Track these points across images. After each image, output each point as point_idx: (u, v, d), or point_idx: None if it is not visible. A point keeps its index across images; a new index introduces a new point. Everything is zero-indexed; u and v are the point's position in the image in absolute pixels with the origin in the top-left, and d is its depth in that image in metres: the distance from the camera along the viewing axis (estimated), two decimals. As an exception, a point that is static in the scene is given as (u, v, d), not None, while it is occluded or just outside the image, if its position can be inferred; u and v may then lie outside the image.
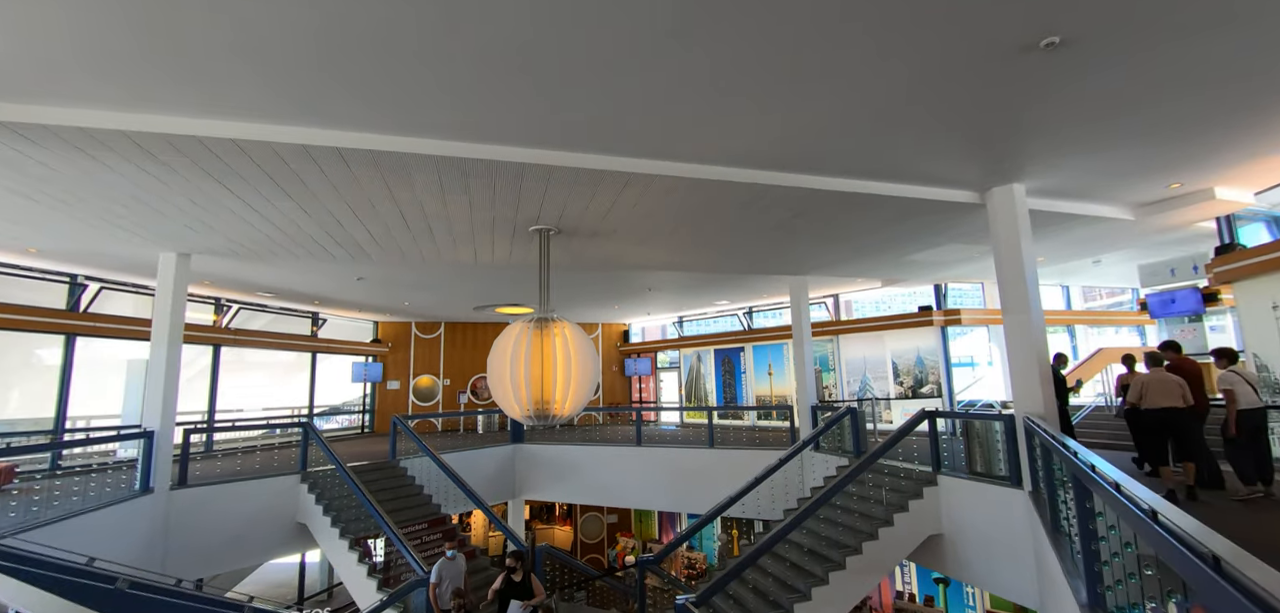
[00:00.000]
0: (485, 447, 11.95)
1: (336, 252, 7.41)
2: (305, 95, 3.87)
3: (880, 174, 5.69)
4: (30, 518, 5.89)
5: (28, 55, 3.40)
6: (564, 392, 6.53)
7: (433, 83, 3.75)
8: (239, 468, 8.99)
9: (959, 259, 9.22)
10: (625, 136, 4.66)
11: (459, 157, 4.70)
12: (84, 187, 5.09)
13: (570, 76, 3.72)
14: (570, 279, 10.81)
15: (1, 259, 8.23)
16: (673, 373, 16.71)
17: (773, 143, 4.85)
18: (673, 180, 5.37)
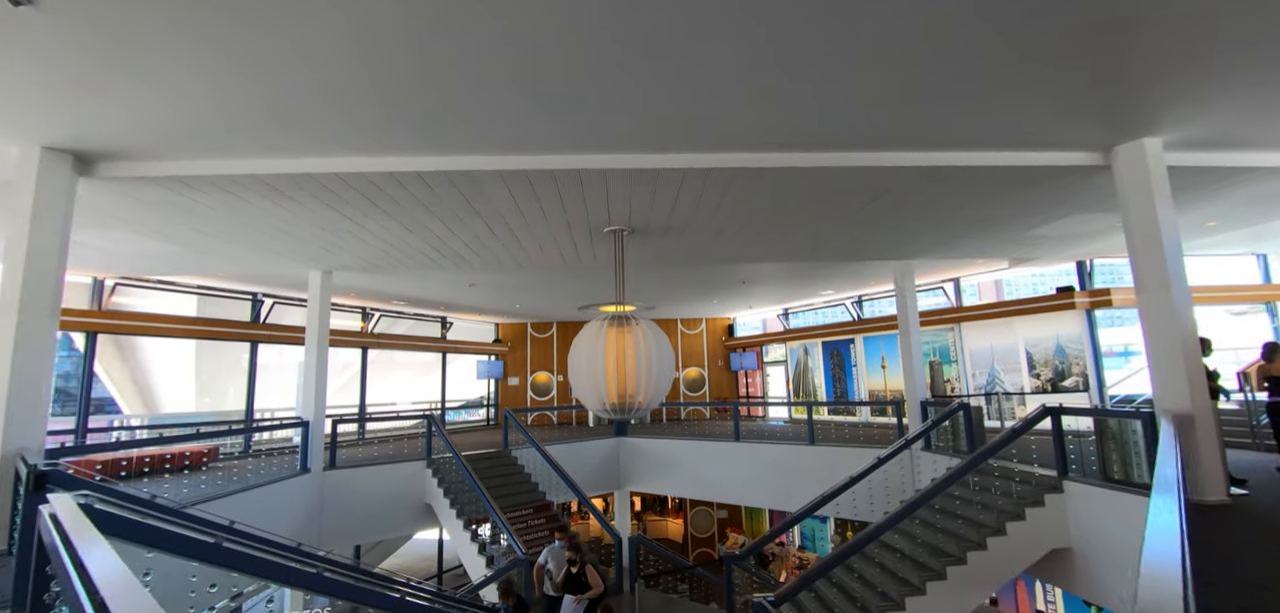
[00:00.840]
0: (591, 439, 12.55)
1: (443, 262, 8.27)
2: (381, 130, 4.44)
3: (969, 142, 5.13)
4: (222, 489, 7.35)
5: (183, 125, 4.29)
6: (638, 385, 6.75)
7: (493, 106, 4.11)
8: (376, 454, 10.35)
9: (1098, 231, 7.95)
10: (675, 132, 4.70)
11: (519, 169, 5.07)
12: (237, 222, 6.25)
13: (612, 84, 3.87)
14: (662, 277, 10.98)
15: (203, 283, 10.27)
16: (780, 367, 16.23)
17: (831, 120, 4.61)
18: (730, 172, 5.31)
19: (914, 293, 9.44)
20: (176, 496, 7.02)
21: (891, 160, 5.24)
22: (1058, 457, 6.14)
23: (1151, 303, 5.05)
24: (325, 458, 8.78)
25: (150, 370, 14.02)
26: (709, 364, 17.22)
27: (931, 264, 10.50)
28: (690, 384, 17.11)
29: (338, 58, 3.48)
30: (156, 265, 8.53)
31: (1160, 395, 4.94)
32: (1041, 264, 10.53)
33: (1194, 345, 4.88)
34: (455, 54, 3.48)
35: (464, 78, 3.74)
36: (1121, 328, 10.55)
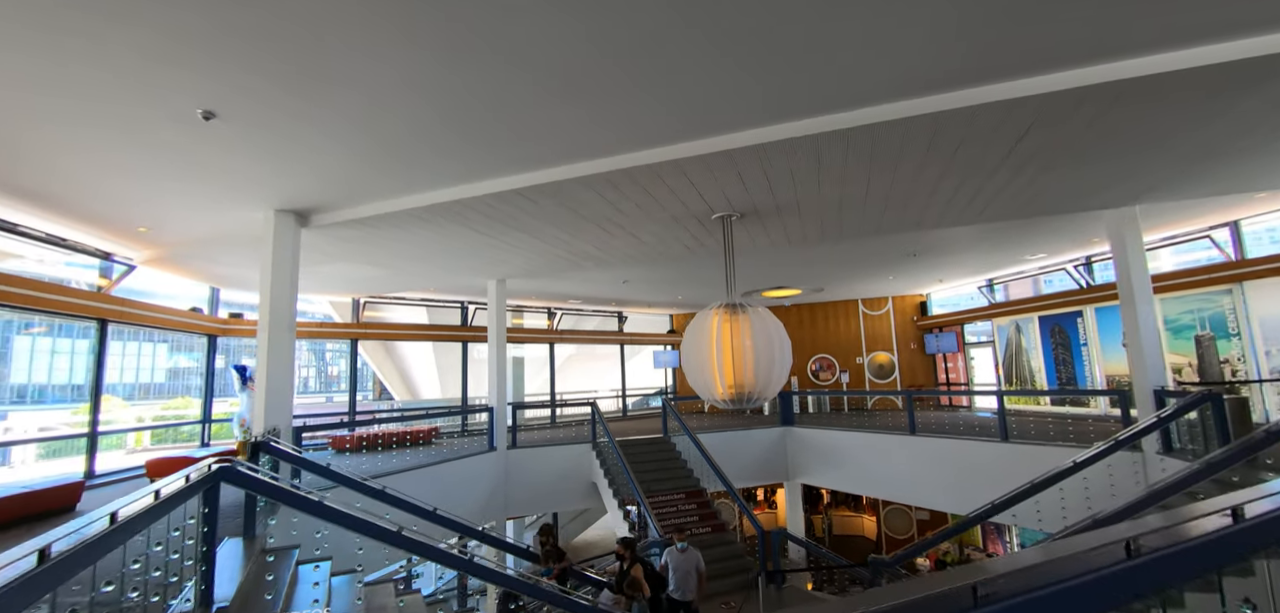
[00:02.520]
0: (758, 428, 12.33)
1: (583, 262, 9.01)
2: (463, 159, 5.14)
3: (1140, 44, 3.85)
4: (428, 460, 9.18)
5: (345, 183, 5.56)
6: (748, 374, 6.53)
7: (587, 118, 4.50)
8: (548, 437, 11.64)
9: None
10: (752, 105, 4.47)
11: (615, 169, 5.30)
12: (407, 246, 7.71)
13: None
14: (823, 255, 10.23)
15: (426, 296, 12.76)
16: (987, 349, 13.70)
17: (953, 50, 3.92)
18: (820, 137, 4.83)
19: (1141, 249, 7.23)
20: (398, 464, 8.98)
21: (1021, 89, 4.20)
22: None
23: None
24: (508, 438, 10.25)
25: (409, 365, 17.93)
26: (899, 347, 15.40)
27: (1176, 207, 7.94)
28: (878, 371, 15.54)
29: (415, 111, 4.18)
30: (378, 285, 10.88)
31: None
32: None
33: None
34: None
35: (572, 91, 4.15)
36: None
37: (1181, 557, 1.88)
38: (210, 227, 6.95)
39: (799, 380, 15.99)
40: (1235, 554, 1.96)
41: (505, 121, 4.48)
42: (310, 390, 18.86)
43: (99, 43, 3.29)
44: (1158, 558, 1.86)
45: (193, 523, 3.35)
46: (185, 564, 3.30)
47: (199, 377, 10.43)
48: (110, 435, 9.31)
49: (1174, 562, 1.89)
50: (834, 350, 15.93)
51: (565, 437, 11.26)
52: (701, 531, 8.97)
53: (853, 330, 15.80)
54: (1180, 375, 9.26)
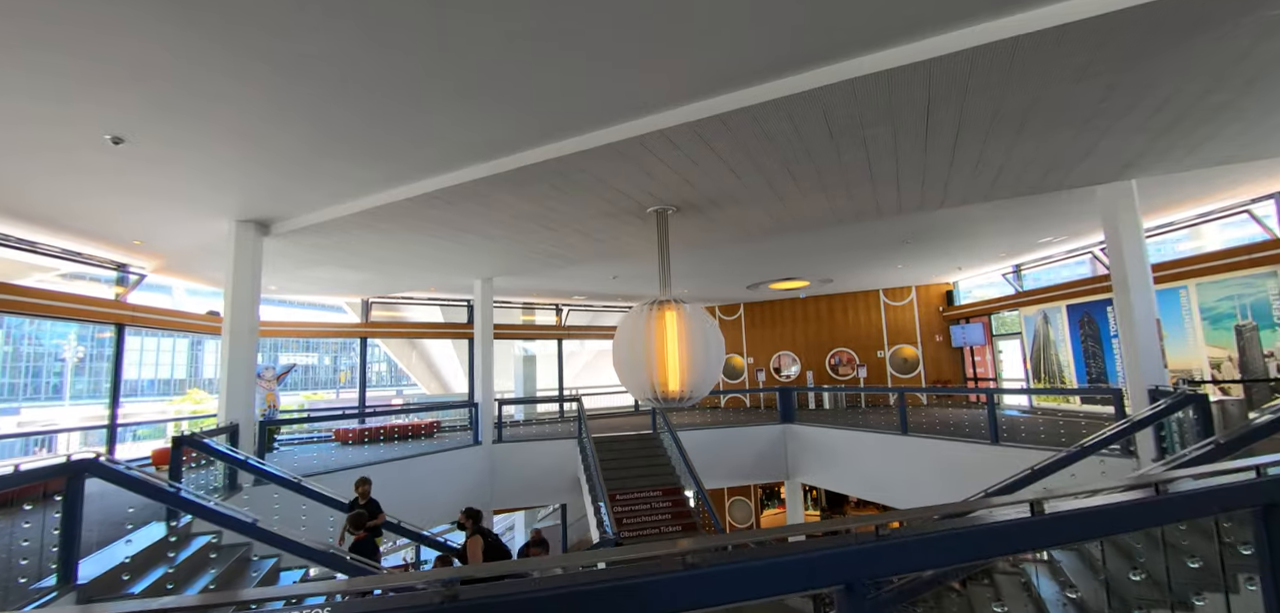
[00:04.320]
0: (756, 425, 11.97)
1: (552, 259, 9.06)
2: (395, 164, 5.28)
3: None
4: (414, 452, 9.58)
5: (290, 193, 5.88)
6: (694, 373, 6.35)
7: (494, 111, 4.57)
8: (537, 432, 11.79)
9: None
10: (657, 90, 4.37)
11: (516, 167, 5.32)
12: (374, 248, 8.03)
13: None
14: (809, 245, 9.76)
15: (430, 295, 13.26)
16: (1015, 341, 12.51)
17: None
18: (713, 120, 4.61)
19: (1136, 228, 6.35)
20: (384, 455, 9.44)
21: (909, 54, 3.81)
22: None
23: None
24: (494, 433, 10.50)
25: (436, 360, 18.74)
26: (924, 340, 14.39)
27: (1207, 177, 6.94)
28: (901, 365, 14.61)
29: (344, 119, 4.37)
30: (373, 287, 11.37)
31: None
32: None
33: None
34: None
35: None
36: None
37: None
38: (191, 237, 7.55)
39: (815, 375, 15.34)
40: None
41: (386, 129, 4.60)
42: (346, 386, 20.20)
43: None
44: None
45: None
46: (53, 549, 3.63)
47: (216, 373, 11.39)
48: (137, 426, 10.34)
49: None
50: (854, 344, 15.13)
51: (552, 432, 11.39)
52: (671, 528, 8.83)
53: (874, 323, 14.94)
54: (1219, 370, 8.10)
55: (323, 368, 34.64)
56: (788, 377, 15.70)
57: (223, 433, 6.62)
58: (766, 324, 16.18)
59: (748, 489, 15.10)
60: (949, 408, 12.38)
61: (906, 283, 14.31)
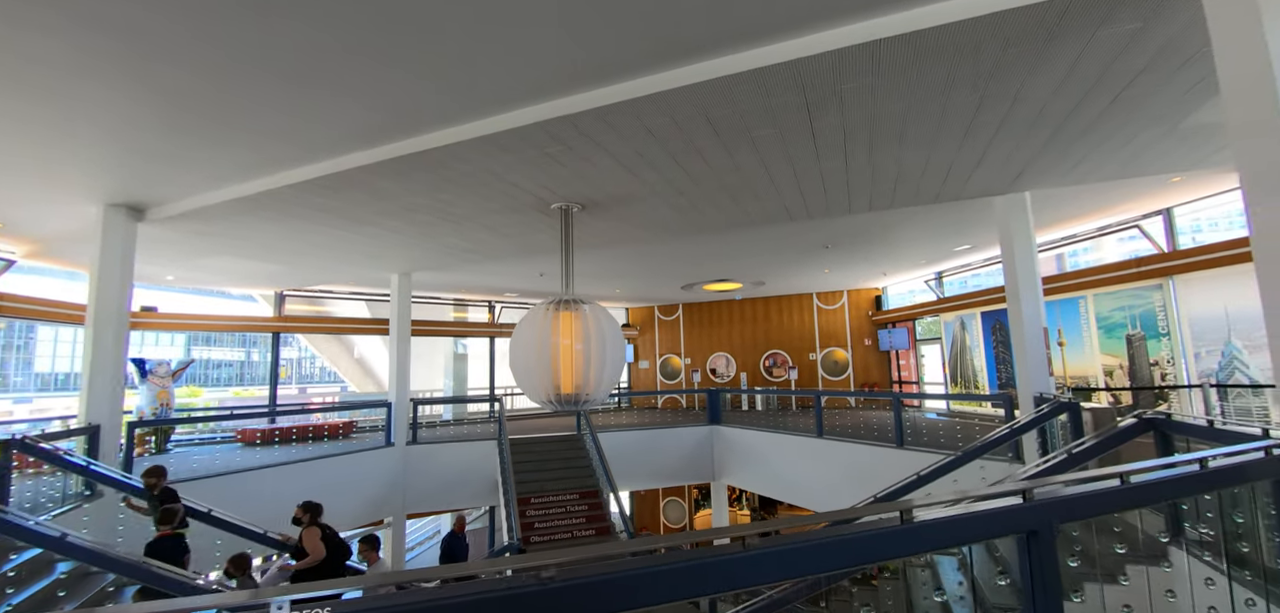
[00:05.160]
0: (684, 426, 11.91)
1: (468, 255, 8.75)
2: (257, 154, 4.89)
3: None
4: (317, 453, 9.10)
5: (169, 178, 5.39)
6: (594, 375, 6.17)
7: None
8: (455, 433, 11.40)
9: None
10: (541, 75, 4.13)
11: (418, 151, 4.99)
12: (266, 236, 7.55)
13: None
14: (733, 248, 9.73)
15: (341, 288, 12.66)
16: (936, 346, 12.88)
17: (600, 39, 3.50)
18: (590, 115, 4.43)
19: (1029, 240, 6.52)
20: (290, 456, 8.92)
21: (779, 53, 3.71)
22: (1171, 511, 3.67)
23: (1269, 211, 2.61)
24: (408, 434, 10.08)
25: (368, 358, 18.01)
26: (854, 344, 14.66)
27: (1103, 193, 7.18)
28: (832, 368, 14.84)
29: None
30: (278, 279, 10.73)
31: None
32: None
33: None
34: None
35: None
36: None
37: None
38: (61, 222, 6.91)
39: (749, 377, 15.44)
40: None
41: (254, 112, 4.25)
42: (284, 383, 19.23)
43: None
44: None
45: None
46: None
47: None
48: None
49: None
50: (788, 346, 15.29)
51: (472, 434, 11.04)
52: (585, 533, 8.64)
53: (807, 325, 15.13)
54: (1112, 378, 8.45)
55: (262, 364, 33.05)
56: (724, 378, 15.75)
57: (80, 435, 6.06)
58: (704, 325, 16.19)
59: (682, 490, 15.07)
60: (875, 411, 12.62)
61: (838, 287, 14.54)
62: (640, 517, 15.61)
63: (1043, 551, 1.66)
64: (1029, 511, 1.69)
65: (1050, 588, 1.66)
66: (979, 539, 1.70)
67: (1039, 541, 1.67)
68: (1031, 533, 1.69)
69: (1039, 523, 1.68)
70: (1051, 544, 1.68)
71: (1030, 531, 1.69)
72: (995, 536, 1.73)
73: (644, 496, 15.55)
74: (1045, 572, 1.66)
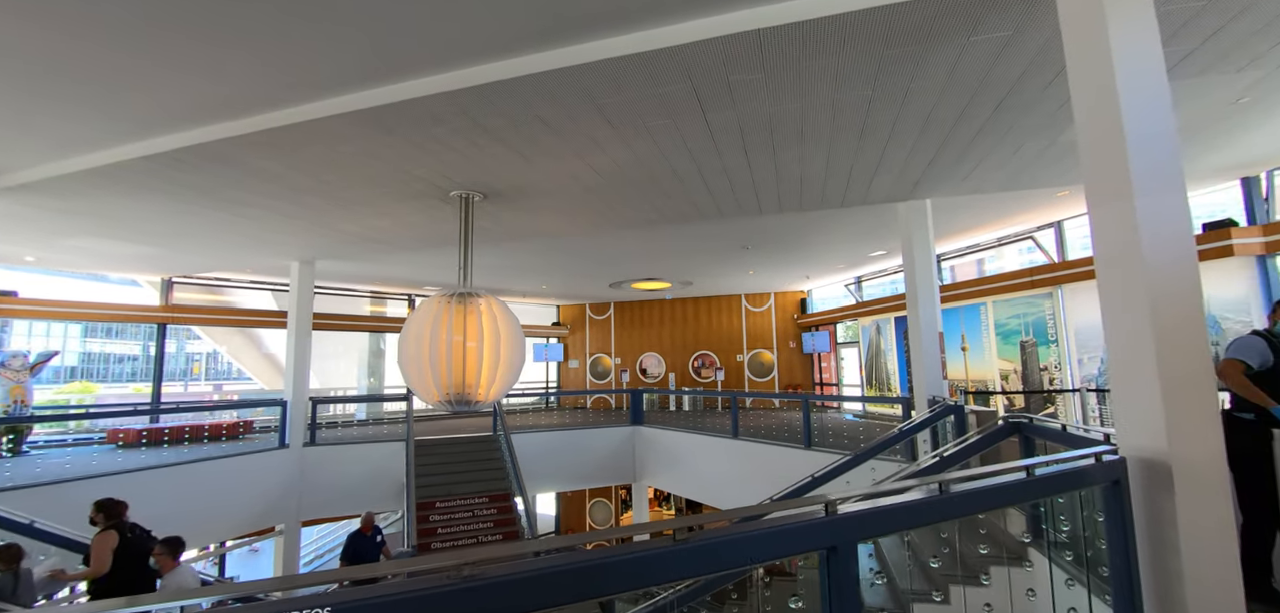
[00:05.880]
0: (606, 426, 11.70)
1: (375, 246, 8.23)
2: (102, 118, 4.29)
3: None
4: (205, 454, 8.33)
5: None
6: (489, 374, 5.84)
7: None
8: (360, 434, 10.77)
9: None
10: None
11: (282, 125, 4.52)
12: (159, 220, 6.81)
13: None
14: (673, 244, 9.56)
15: (243, 278, 11.75)
16: (855, 348, 13.27)
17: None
18: (469, 93, 4.13)
19: (927, 247, 6.70)
20: (168, 458, 8.13)
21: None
22: (1031, 512, 3.73)
23: (1106, 215, 2.62)
24: (306, 434, 9.40)
25: (278, 354, 16.83)
26: (779, 346, 14.91)
27: (1004, 203, 7.45)
28: (758, 369, 15.03)
29: None
30: (163, 264, 9.79)
31: (1122, 419, 2.57)
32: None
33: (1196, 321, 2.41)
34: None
35: None
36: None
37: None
38: None
39: (678, 377, 15.44)
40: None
41: (90, 77, 3.69)
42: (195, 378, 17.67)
43: None
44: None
45: None
46: None
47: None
48: None
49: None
50: (716, 347, 15.38)
51: (379, 434, 10.45)
52: (492, 537, 8.29)
53: (736, 327, 15.27)
54: (1006, 381, 8.87)
55: (172, 358, 30.34)
56: (654, 377, 15.67)
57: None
58: (636, 325, 16.06)
59: (609, 491, 14.87)
60: (796, 412, 12.83)
61: (766, 290, 14.73)
62: (567, 519, 15.30)
63: (840, 568, 1.53)
64: (827, 526, 1.55)
65: (848, 605, 1.53)
66: (778, 556, 1.54)
67: (837, 557, 1.54)
68: (831, 549, 1.55)
69: (838, 539, 1.55)
70: (849, 561, 1.55)
71: (829, 547, 1.55)
72: (796, 552, 1.59)
73: (571, 497, 15.25)
74: (843, 591, 1.53)
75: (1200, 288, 2.47)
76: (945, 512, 1.81)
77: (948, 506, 1.78)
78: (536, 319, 16.86)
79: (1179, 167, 2.49)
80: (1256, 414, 3.15)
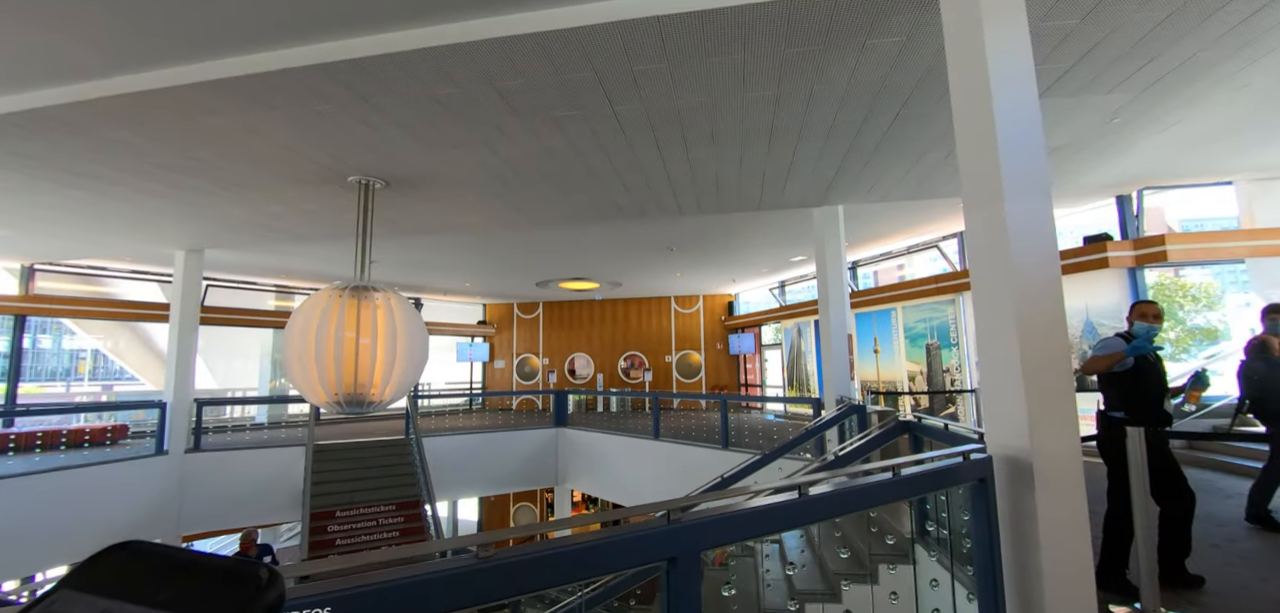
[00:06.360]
0: (529, 429, 11.37)
1: (270, 234, 7.58)
2: None
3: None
4: (73, 462, 7.39)
5: None
6: (384, 374, 5.44)
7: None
8: (254, 439, 9.97)
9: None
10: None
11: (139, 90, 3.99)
12: (31, 200, 5.94)
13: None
14: (597, 241, 9.34)
15: (112, 267, 10.61)
16: (778, 350, 13.63)
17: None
18: (348, 66, 3.78)
19: (839, 252, 6.88)
20: (19, 467, 7.16)
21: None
22: (916, 512, 3.80)
23: (978, 221, 2.67)
24: (189, 440, 8.56)
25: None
26: (707, 347, 15.08)
27: (916, 211, 7.75)
28: (686, 370, 15.13)
29: None
30: (18, 248, 8.67)
31: (990, 418, 2.62)
32: (1061, 203, 7.28)
33: (1057, 318, 2.48)
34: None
35: None
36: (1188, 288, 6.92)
37: None
38: None
39: (606, 378, 15.30)
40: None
41: None
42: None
43: None
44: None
45: None
46: None
47: None
48: None
49: None
50: (645, 348, 15.36)
51: (275, 439, 9.68)
52: (398, 549, 7.81)
53: (665, 328, 15.31)
54: (914, 382, 9.28)
55: (51, 354, 26.98)
56: (583, 378, 15.45)
57: None
58: (565, 325, 15.78)
59: (535, 495, 14.51)
60: (717, 413, 12.96)
61: (695, 292, 14.84)
62: (489, 525, 14.80)
63: (679, 580, 1.40)
64: (668, 536, 1.42)
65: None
66: (617, 570, 1.40)
67: (677, 569, 1.41)
68: (671, 560, 1.42)
69: (678, 549, 1.42)
70: (691, 571, 1.42)
71: (669, 558, 1.42)
72: (636, 565, 1.45)
73: (494, 502, 14.77)
74: (682, 605, 1.40)
75: (1062, 292, 2.55)
76: (797, 518, 1.73)
77: (802, 511, 1.70)
78: (462, 318, 16.25)
79: (1047, 176, 2.57)
80: (1126, 412, 3.34)
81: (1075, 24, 3.49)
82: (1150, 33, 3.62)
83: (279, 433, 10.42)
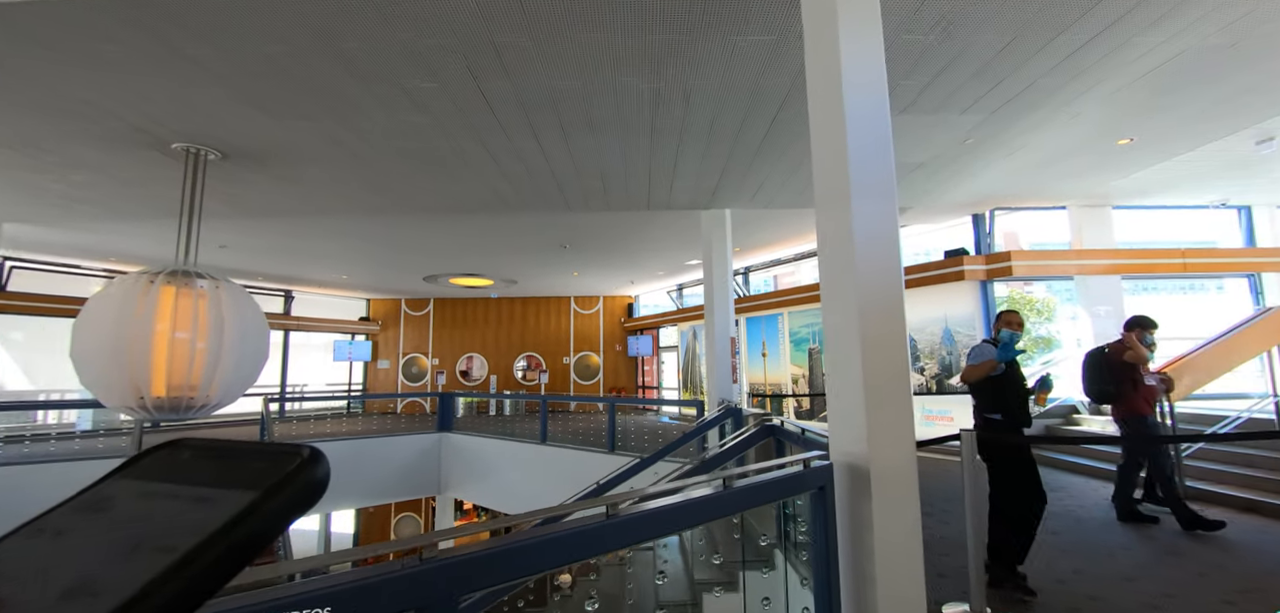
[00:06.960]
0: (408, 434, 10.57)
1: (81, 207, 6.43)
2: None
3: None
4: None
5: None
6: (206, 376, 4.68)
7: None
8: (59, 449, 8.54)
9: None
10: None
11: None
12: None
13: None
14: (488, 237, 8.79)
15: None
16: (674, 353, 13.78)
17: None
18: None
19: (725, 257, 6.93)
20: None
21: None
22: (779, 518, 3.77)
23: (827, 226, 2.60)
24: None
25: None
26: (606, 349, 14.92)
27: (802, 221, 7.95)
28: (584, 372, 14.88)
29: None
30: None
31: (835, 425, 2.55)
32: (926, 219, 7.82)
33: (897, 323, 2.45)
34: None
35: None
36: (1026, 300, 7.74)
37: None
38: None
39: (501, 380, 14.70)
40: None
41: None
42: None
43: None
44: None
45: None
46: None
47: None
48: None
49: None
50: (543, 348, 14.93)
51: (89, 450, 8.30)
52: (239, 572, 6.88)
53: (564, 329, 14.96)
54: (796, 384, 9.62)
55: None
56: (476, 380, 14.72)
57: None
58: (457, 324, 14.97)
59: (419, 505, 13.58)
60: (619, 415, 12.80)
61: (595, 292, 14.62)
62: (368, 537, 13.68)
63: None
64: (415, 580, 1.14)
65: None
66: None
67: None
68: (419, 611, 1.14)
69: (429, 598, 1.14)
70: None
71: (418, 609, 1.14)
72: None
73: (373, 513, 13.66)
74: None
75: (903, 302, 2.54)
76: (599, 546, 1.51)
77: (609, 535, 1.48)
78: (341, 313, 14.93)
79: (893, 183, 2.55)
80: (1003, 415, 3.47)
81: (930, 41, 3.61)
82: (995, 57, 3.84)
83: (97, 443, 8.92)
